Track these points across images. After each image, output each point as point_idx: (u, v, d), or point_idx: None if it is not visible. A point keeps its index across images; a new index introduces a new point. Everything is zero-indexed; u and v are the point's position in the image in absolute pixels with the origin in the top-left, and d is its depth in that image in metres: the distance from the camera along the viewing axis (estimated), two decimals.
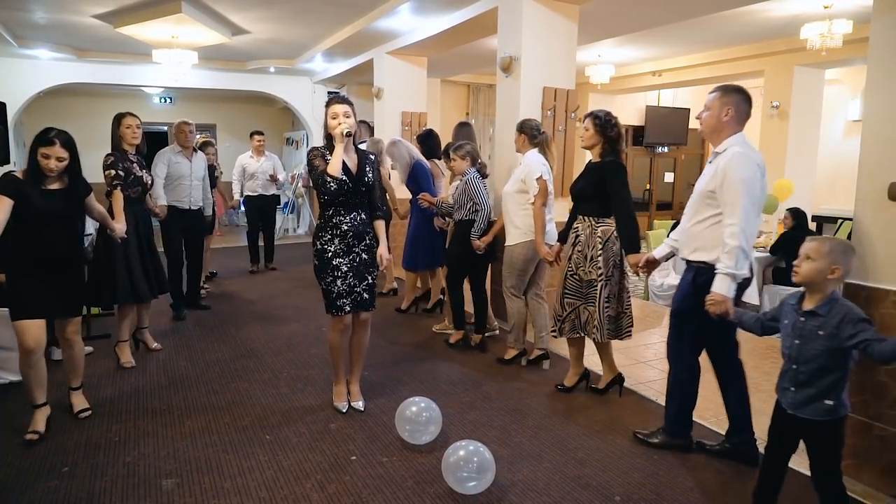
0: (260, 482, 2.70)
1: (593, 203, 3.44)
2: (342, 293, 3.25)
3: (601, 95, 10.50)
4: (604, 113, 3.47)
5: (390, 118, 7.93)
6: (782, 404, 2.25)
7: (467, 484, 2.57)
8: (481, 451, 2.62)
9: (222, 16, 6.56)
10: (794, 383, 2.18)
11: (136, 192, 4.08)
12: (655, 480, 2.75)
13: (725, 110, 2.71)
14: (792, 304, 2.23)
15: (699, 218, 2.74)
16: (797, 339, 2.17)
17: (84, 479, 2.71)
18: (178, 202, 5.12)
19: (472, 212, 4.29)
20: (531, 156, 3.93)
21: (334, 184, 3.11)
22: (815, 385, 2.12)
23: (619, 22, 6.26)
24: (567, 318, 3.56)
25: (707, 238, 2.69)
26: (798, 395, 2.17)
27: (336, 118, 3.15)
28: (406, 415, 3.05)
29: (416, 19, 6.39)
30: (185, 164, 5.19)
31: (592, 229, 3.44)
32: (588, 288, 3.46)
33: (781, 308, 2.30)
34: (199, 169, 5.29)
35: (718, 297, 2.54)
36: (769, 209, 6.74)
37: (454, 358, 4.35)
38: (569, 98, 5.16)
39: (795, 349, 2.17)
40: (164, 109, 12.46)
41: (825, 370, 2.11)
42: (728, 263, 2.54)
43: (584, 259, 3.45)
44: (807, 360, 2.13)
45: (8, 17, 6.61)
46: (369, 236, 3.34)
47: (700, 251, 2.73)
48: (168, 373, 4.04)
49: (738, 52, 7.92)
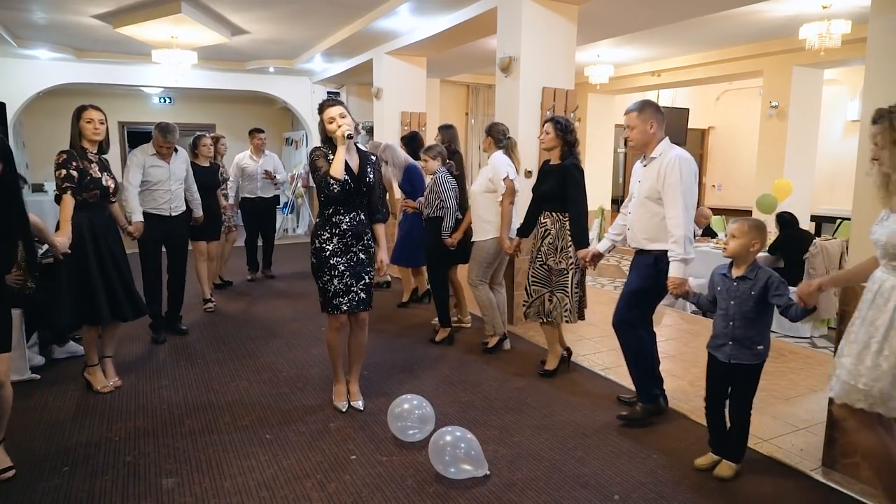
0: (260, 481, 2.70)
1: (559, 201, 3.77)
2: (339, 292, 3.26)
3: (600, 95, 10.51)
4: (564, 119, 3.83)
5: (390, 118, 7.93)
6: (719, 359, 2.70)
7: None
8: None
9: (222, 16, 6.56)
10: (731, 338, 2.64)
11: (93, 196, 3.47)
12: (655, 479, 2.75)
13: (649, 124, 3.13)
14: (723, 273, 2.71)
15: (652, 213, 3.13)
16: (732, 301, 2.63)
17: (84, 478, 2.71)
18: (156, 209, 4.48)
19: (440, 208, 4.48)
20: (498, 157, 4.25)
21: (337, 185, 3.12)
22: (748, 335, 2.61)
23: (618, 22, 6.27)
24: (532, 304, 3.89)
25: (664, 230, 3.07)
26: (734, 347, 2.63)
27: (333, 121, 3.15)
28: (396, 412, 3.08)
29: (415, 19, 6.40)
30: (163, 167, 4.51)
31: (561, 224, 3.78)
32: (558, 276, 3.80)
33: (713, 282, 2.76)
34: (178, 171, 4.62)
35: (677, 280, 2.97)
36: (768, 209, 6.75)
37: (454, 358, 4.36)
38: (568, 98, 5.17)
39: (732, 308, 2.64)
40: (163, 110, 12.45)
41: (756, 322, 2.61)
42: (678, 251, 2.97)
43: (555, 250, 3.78)
44: (742, 316, 2.61)
45: (7, 17, 6.62)
46: (367, 237, 3.35)
47: (659, 241, 3.11)
48: (168, 372, 4.04)
49: (736, 52, 7.93)
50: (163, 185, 4.51)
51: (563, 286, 3.78)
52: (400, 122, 7.89)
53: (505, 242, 4.16)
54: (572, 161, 3.77)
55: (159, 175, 4.50)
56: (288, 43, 8.09)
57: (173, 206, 4.58)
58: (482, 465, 2.72)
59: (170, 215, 4.56)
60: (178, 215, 4.64)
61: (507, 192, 4.12)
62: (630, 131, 3.20)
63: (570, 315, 3.81)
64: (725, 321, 2.66)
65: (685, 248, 2.96)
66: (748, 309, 2.60)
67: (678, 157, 3.04)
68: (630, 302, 3.28)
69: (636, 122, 3.15)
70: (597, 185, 10.87)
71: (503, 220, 4.15)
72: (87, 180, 3.46)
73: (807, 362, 4.21)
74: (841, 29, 5.55)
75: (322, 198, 3.23)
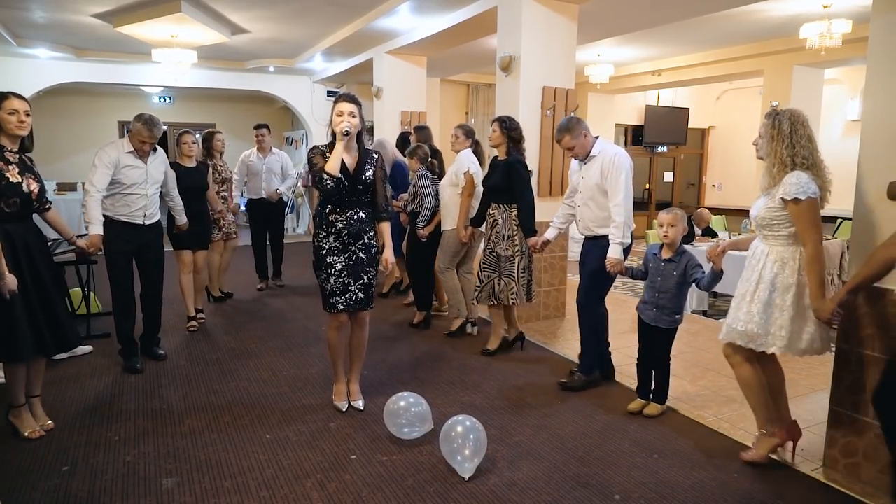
0: (260, 481, 2.70)
1: (506, 193, 4.10)
2: (336, 291, 3.26)
3: (600, 95, 10.51)
4: (508, 118, 4.16)
5: (390, 118, 7.93)
6: (645, 320, 3.33)
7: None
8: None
9: (222, 15, 6.56)
10: (655, 306, 3.28)
11: (11, 204, 2.89)
12: (655, 479, 2.75)
13: (583, 135, 3.58)
14: (655, 254, 3.31)
15: (600, 204, 3.59)
16: (659, 277, 3.27)
17: (84, 477, 2.71)
18: (127, 216, 3.89)
19: (420, 204, 4.86)
20: (464, 153, 4.62)
21: (331, 181, 3.12)
22: (668, 305, 3.25)
23: (618, 21, 6.26)
24: (484, 288, 4.24)
25: (603, 217, 3.57)
26: (657, 312, 3.28)
27: (341, 115, 3.13)
28: (392, 409, 3.11)
29: (415, 19, 6.40)
30: (139, 168, 3.91)
31: (507, 214, 4.11)
32: (506, 262, 4.13)
33: (647, 258, 3.37)
34: (156, 173, 4.05)
35: (615, 260, 3.48)
36: None
37: (455, 357, 4.35)
38: (568, 98, 5.17)
39: (658, 283, 3.27)
40: (163, 109, 12.45)
41: (676, 296, 3.24)
42: (618, 234, 3.46)
43: (502, 238, 4.12)
44: (666, 290, 3.24)
45: (7, 16, 6.61)
46: (367, 235, 3.31)
47: (606, 227, 3.56)
48: (168, 372, 4.03)
49: (737, 51, 7.93)
50: (138, 189, 3.92)
51: (511, 271, 4.12)
52: (400, 121, 7.88)
53: (461, 232, 4.51)
54: (516, 157, 4.09)
55: (134, 177, 3.90)
56: (288, 42, 8.09)
57: (148, 212, 4.00)
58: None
59: (143, 223, 3.98)
60: (152, 224, 4.06)
61: (466, 185, 4.47)
62: (571, 150, 3.64)
63: (517, 297, 4.14)
64: (653, 292, 3.29)
65: (624, 233, 3.46)
66: (671, 285, 3.23)
67: (617, 153, 3.54)
68: (590, 283, 3.68)
69: (573, 140, 3.58)
70: None
71: (461, 211, 4.50)
72: (3, 185, 2.87)
73: (807, 363, 4.21)
74: (841, 28, 5.54)
75: (319, 195, 3.26)
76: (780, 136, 2.62)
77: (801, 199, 2.53)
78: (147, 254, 4.06)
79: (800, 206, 2.54)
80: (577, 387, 3.73)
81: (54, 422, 3.18)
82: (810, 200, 2.53)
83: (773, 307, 2.65)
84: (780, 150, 2.61)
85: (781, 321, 2.64)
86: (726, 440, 3.15)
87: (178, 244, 4.77)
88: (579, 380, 3.76)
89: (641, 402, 3.43)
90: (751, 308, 2.70)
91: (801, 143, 2.60)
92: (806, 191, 2.52)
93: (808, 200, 2.53)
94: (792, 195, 2.54)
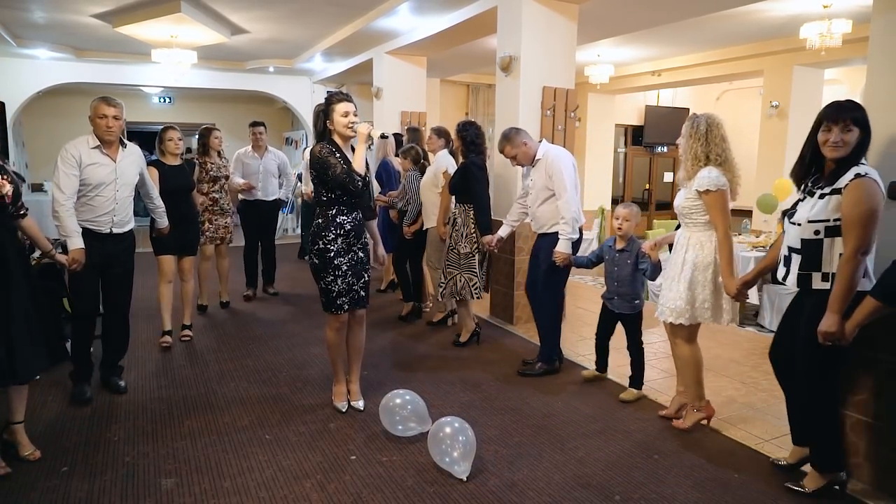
0: (259, 482, 2.70)
1: (464, 193, 4.34)
2: (342, 291, 3.26)
3: (600, 95, 10.50)
4: (461, 124, 4.39)
5: (389, 118, 7.92)
6: (609, 308, 3.67)
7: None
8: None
9: (221, 15, 6.55)
10: (616, 294, 3.60)
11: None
12: (656, 480, 2.75)
13: (523, 143, 3.85)
14: (609, 245, 3.64)
15: (549, 203, 3.84)
16: (615, 267, 3.59)
17: (84, 478, 2.70)
18: (92, 223, 3.32)
19: (407, 203, 5.09)
20: (441, 154, 4.85)
21: (361, 181, 3.13)
22: (627, 292, 3.56)
23: (618, 22, 6.26)
24: (447, 285, 4.44)
25: (552, 215, 3.83)
26: (619, 300, 3.60)
27: (348, 115, 3.15)
28: (387, 406, 3.13)
29: (415, 19, 6.39)
30: (106, 165, 3.34)
31: (466, 213, 4.35)
32: (465, 259, 4.35)
33: (602, 250, 3.71)
34: (129, 172, 3.47)
35: (564, 254, 3.73)
36: (769, 209, 6.73)
37: (455, 358, 4.35)
38: (568, 98, 5.16)
39: (615, 273, 3.59)
40: (163, 109, 12.45)
41: (632, 283, 3.55)
42: (566, 230, 3.72)
43: (462, 236, 4.35)
44: (622, 278, 3.56)
45: (7, 16, 6.61)
46: (364, 234, 3.38)
47: (557, 224, 3.79)
48: (167, 372, 4.03)
49: (737, 51, 7.92)
50: (105, 191, 3.33)
51: (471, 267, 4.35)
52: (400, 121, 7.87)
53: (440, 229, 4.70)
54: (472, 159, 4.31)
55: (101, 176, 3.31)
56: (288, 42, 8.09)
57: (117, 219, 3.42)
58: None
59: (110, 232, 3.41)
60: (122, 234, 3.48)
61: (444, 184, 4.66)
62: (514, 159, 3.91)
63: (479, 291, 4.37)
64: (612, 282, 3.61)
65: (573, 228, 3.73)
66: (627, 273, 3.53)
67: (557, 156, 3.82)
68: (546, 278, 3.91)
69: (513, 150, 3.87)
70: (597, 184, 10.86)
71: (441, 210, 4.70)
72: None
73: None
74: (842, 28, 5.54)
75: (327, 196, 3.20)
76: (696, 135, 2.99)
77: (712, 191, 2.90)
78: (114, 269, 3.47)
79: (711, 197, 2.92)
80: (536, 374, 3.98)
81: (53, 421, 3.18)
82: (720, 192, 2.91)
83: (697, 284, 3.02)
84: (696, 148, 2.99)
85: (704, 296, 3.03)
86: (727, 441, 3.15)
87: (159, 249, 4.33)
88: (540, 369, 4.00)
89: (596, 372, 3.91)
90: (679, 287, 3.06)
91: (716, 143, 2.97)
92: (716, 183, 2.90)
93: (718, 192, 2.90)
94: (704, 187, 2.92)
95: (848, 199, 2.31)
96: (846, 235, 2.33)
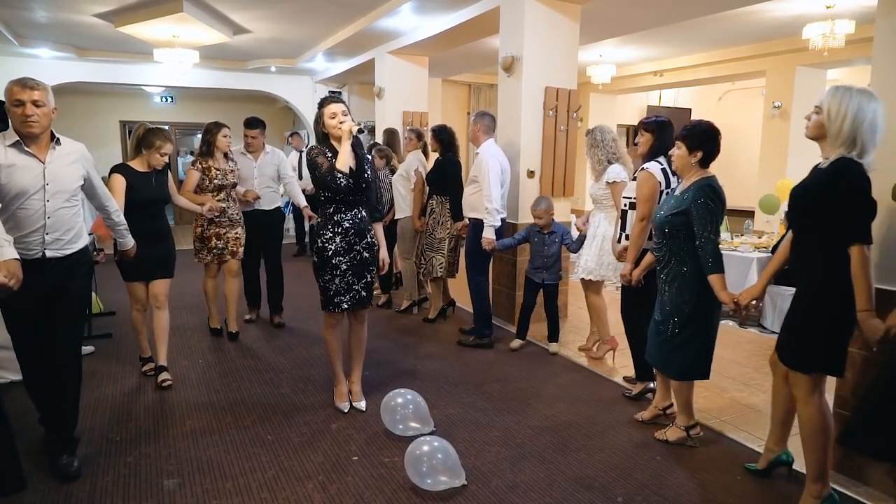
0: (261, 482, 2.69)
1: (439, 187, 4.93)
2: (340, 290, 3.26)
3: (602, 95, 10.49)
4: (435, 128, 4.99)
5: (391, 118, 7.91)
6: (535, 281, 4.36)
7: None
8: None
9: (223, 15, 6.55)
10: (544, 268, 4.31)
11: None
12: (658, 481, 2.74)
13: (477, 129, 4.52)
14: (537, 230, 4.31)
15: (475, 192, 4.46)
16: (545, 246, 4.29)
17: (85, 478, 2.70)
18: (20, 245, 2.46)
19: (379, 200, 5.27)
20: (414, 154, 5.33)
21: (343, 178, 3.13)
22: (553, 267, 4.32)
23: (620, 22, 6.25)
24: (425, 266, 5.03)
25: (477, 203, 4.45)
26: (548, 273, 4.32)
27: (335, 117, 3.19)
28: (389, 405, 3.14)
29: (417, 19, 6.39)
30: (29, 166, 2.54)
31: (443, 204, 4.92)
32: (439, 243, 4.95)
33: (528, 233, 4.38)
34: (67, 174, 2.65)
35: (488, 240, 4.35)
36: (771, 210, 6.72)
37: (456, 358, 4.35)
38: (570, 98, 5.15)
39: (545, 250, 4.29)
40: (164, 109, 12.45)
41: (559, 259, 4.34)
42: (489, 219, 4.33)
43: (437, 224, 4.95)
44: (549, 256, 4.29)
45: (9, 15, 6.61)
46: (369, 234, 3.35)
47: (477, 211, 4.45)
48: (169, 373, 4.02)
49: (739, 52, 7.91)
50: (30, 202, 2.54)
51: (441, 250, 4.94)
52: (402, 121, 7.87)
53: (416, 222, 5.17)
54: (448, 157, 4.90)
55: (23, 181, 2.52)
56: (289, 42, 8.09)
57: (50, 238, 2.60)
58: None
59: (43, 255, 2.59)
60: (64, 256, 2.65)
61: (417, 181, 5.13)
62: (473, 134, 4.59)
63: (444, 271, 4.96)
64: (542, 259, 4.31)
65: (494, 217, 4.33)
66: (554, 251, 4.29)
67: (485, 153, 4.42)
68: (472, 259, 4.57)
69: (473, 128, 4.56)
70: None
71: (414, 205, 5.18)
72: None
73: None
74: (844, 29, 5.53)
75: (324, 195, 3.24)
76: (596, 145, 4.02)
77: (617, 182, 3.88)
78: (58, 303, 2.63)
79: (616, 186, 3.88)
80: (471, 345, 4.56)
81: None
82: (623, 182, 3.83)
83: (604, 251, 4.00)
84: (598, 154, 4.02)
85: (609, 259, 3.95)
86: (729, 442, 3.14)
87: (128, 275, 3.67)
88: (473, 341, 4.60)
89: (520, 341, 4.55)
90: (590, 252, 4.11)
91: (609, 145, 4.00)
92: (619, 176, 3.90)
93: (621, 182, 3.85)
94: (612, 179, 3.93)
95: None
96: None
